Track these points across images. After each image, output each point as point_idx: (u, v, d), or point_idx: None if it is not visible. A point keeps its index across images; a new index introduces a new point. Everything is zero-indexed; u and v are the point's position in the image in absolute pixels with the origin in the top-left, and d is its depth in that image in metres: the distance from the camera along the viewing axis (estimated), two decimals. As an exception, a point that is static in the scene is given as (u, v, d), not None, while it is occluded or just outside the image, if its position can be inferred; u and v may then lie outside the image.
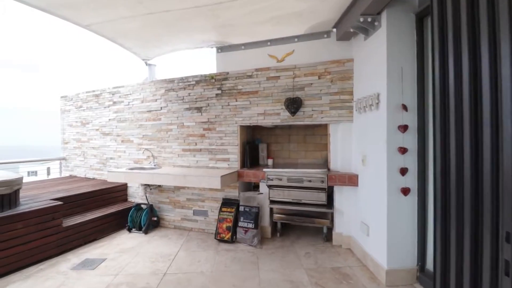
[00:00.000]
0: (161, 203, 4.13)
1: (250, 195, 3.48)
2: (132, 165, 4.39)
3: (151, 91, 4.17)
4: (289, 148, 4.03)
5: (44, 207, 3.05)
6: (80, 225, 3.43)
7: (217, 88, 3.72)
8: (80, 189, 4.05)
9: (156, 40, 3.36)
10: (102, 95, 4.80)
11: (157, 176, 3.38)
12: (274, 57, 3.65)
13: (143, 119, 4.27)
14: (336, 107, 3.27)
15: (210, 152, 3.77)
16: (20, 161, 5.75)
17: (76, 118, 5.29)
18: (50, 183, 4.56)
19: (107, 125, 4.76)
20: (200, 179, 3.13)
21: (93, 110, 4.97)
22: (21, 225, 2.84)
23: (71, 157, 5.46)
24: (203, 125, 3.79)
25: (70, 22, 2.61)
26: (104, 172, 4.84)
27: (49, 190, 4.02)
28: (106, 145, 4.78)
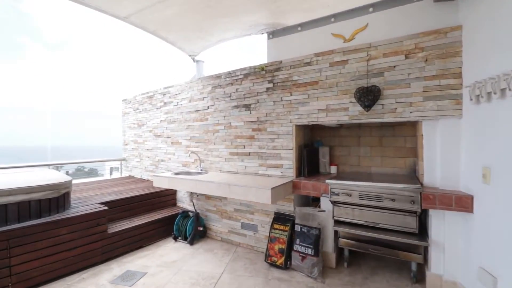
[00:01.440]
0: (208, 212, 3.75)
1: (309, 212, 2.77)
2: (180, 169, 4.15)
3: (198, 89, 3.83)
4: (359, 153, 3.16)
5: (89, 213, 2.94)
6: (126, 231, 3.26)
7: (268, 81, 3.12)
8: (131, 192, 3.97)
9: (198, 29, 2.96)
10: (155, 96, 4.72)
11: (200, 183, 2.96)
12: (340, 36, 2.86)
13: (191, 119, 3.97)
14: (433, 96, 2.31)
15: (260, 156, 3.19)
16: (86, 161, 6.22)
17: (134, 120, 5.40)
18: (109, 184, 4.67)
19: (158, 127, 4.65)
20: (246, 191, 2.57)
21: (147, 112, 4.96)
22: (66, 230, 2.74)
23: (130, 158, 5.62)
24: (252, 125, 3.25)
25: (108, 14, 2.39)
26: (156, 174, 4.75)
27: (104, 191, 4.04)
28: (158, 146, 4.68)
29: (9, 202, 2.49)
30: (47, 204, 2.77)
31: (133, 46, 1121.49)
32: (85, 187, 4.42)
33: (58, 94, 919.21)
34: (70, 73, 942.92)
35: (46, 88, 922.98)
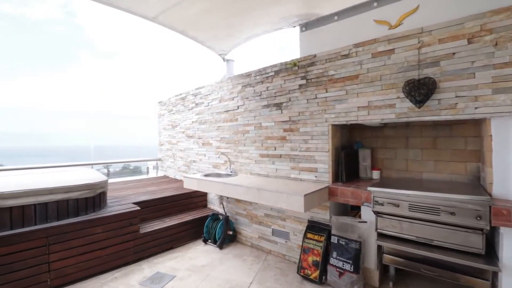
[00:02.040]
0: (238, 215, 3.62)
1: (347, 222, 2.47)
2: (210, 170, 4.09)
3: (228, 89, 3.73)
4: (407, 156, 2.76)
5: (122, 212, 2.99)
6: (158, 232, 3.28)
7: (300, 78, 2.88)
8: (164, 192, 4.02)
9: (227, 26, 2.84)
10: (187, 97, 4.75)
11: (228, 187, 2.83)
12: (384, 23, 2.51)
13: (221, 120, 3.88)
14: (505, 88, 1.88)
15: (292, 159, 2.96)
16: (125, 161, 6.54)
17: (168, 122, 5.52)
18: (145, 183, 4.82)
19: (190, 128, 4.67)
20: (276, 196, 2.37)
21: (180, 113, 5.02)
22: (101, 229, 2.81)
23: (165, 158, 5.77)
24: (284, 125, 3.03)
25: (137, 15, 2.39)
26: (188, 175, 4.78)
27: (139, 191, 4.15)
28: (190, 147, 4.70)
29: (50, 201, 2.62)
30: (84, 203, 2.87)
31: (170, 49, 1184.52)
32: (123, 185, 4.61)
33: (103, 99, 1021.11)
34: (115, 79, 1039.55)
35: (94, 94, 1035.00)
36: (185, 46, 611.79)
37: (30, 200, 2.51)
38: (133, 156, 7.71)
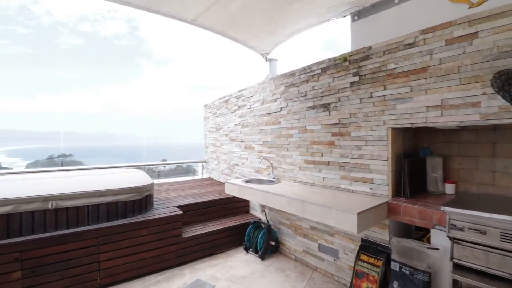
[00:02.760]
0: (281, 225, 3.39)
1: (413, 247, 2.04)
2: (252, 175, 3.94)
3: (270, 90, 3.52)
4: (494, 167, 2.17)
5: (165, 216, 3.02)
6: (200, 237, 3.25)
7: (352, 74, 2.52)
8: (207, 196, 4.01)
9: (268, 23, 2.64)
10: (230, 100, 4.70)
11: (269, 196, 2.62)
12: (463, 1, 2.01)
13: (263, 123, 3.70)
14: None
15: (342, 167, 2.61)
16: (173, 162, 6.83)
17: (213, 124, 5.57)
18: (190, 185, 4.92)
19: (233, 130, 4.61)
20: (323, 212, 2.07)
21: (223, 116, 5.00)
22: (146, 232, 2.87)
23: (210, 160, 5.85)
24: (332, 128, 2.70)
25: (176, 19, 2.35)
26: (231, 178, 4.73)
27: (184, 193, 4.22)
28: (233, 151, 4.63)
29: (101, 203, 2.76)
30: (131, 206, 2.97)
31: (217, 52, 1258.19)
32: (170, 187, 4.77)
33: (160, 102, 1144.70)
34: (170, 84, 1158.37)
35: (152, 98, 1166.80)
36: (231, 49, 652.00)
37: (84, 202, 2.67)
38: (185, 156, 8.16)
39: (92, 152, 26.01)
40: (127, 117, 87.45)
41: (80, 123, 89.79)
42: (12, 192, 2.49)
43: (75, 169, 4.80)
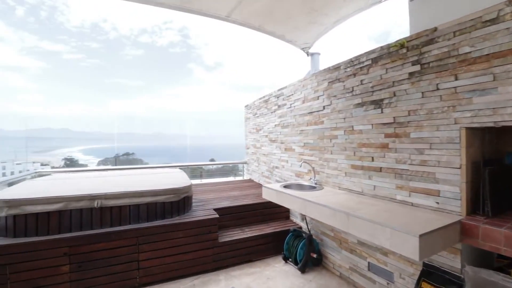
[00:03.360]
0: (324, 235, 3.07)
1: (495, 281, 1.56)
2: (293, 179, 3.68)
3: (312, 87, 3.22)
4: None
5: (201, 219, 2.96)
6: (236, 242, 3.12)
7: (411, 63, 2.09)
8: (245, 199, 3.88)
9: (307, 11, 2.37)
10: (270, 99, 4.51)
11: (309, 205, 2.34)
12: None
13: (304, 123, 3.41)
14: None
15: (398, 175, 2.20)
16: (214, 163, 6.90)
17: (253, 125, 5.46)
18: (230, 186, 4.87)
19: (273, 131, 4.40)
20: (374, 230, 1.72)
21: (263, 116, 4.84)
22: (182, 234, 2.85)
23: (250, 162, 5.74)
24: (385, 128, 2.29)
25: (208, 16, 2.25)
26: (271, 181, 4.53)
27: (223, 195, 4.17)
28: (273, 152, 4.43)
29: (141, 203, 2.82)
30: (170, 207, 2.99)
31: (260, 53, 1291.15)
32: (210, 188, 4.79)
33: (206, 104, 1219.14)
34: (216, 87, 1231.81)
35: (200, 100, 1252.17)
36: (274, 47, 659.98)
37: (125, 201, 2.76)
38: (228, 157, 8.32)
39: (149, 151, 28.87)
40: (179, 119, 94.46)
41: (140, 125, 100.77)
42: (64, 190, 2.69)
43: (126, 168, 5.15)
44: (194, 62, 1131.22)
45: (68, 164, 22.79)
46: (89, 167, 4.51)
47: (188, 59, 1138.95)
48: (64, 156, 21.45)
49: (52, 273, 2.35)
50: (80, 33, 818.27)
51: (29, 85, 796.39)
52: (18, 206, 2.40)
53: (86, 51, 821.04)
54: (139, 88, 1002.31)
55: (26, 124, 6.53)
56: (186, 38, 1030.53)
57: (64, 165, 17.86)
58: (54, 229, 2.49)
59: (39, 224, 2.45)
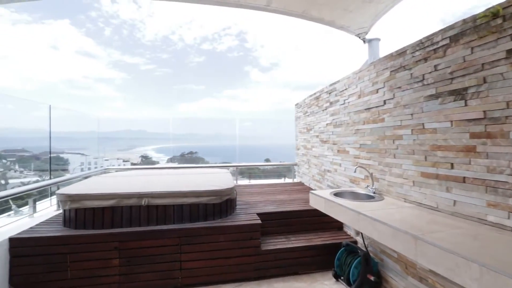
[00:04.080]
0: (384, 255, 2.58)
1: None
2: (347, 185, 3.25)
3: (370, 79, 2.75)
4: None
5: (243, 224, 2.81)
6: (280, 252, 2.88)
7: (510, 37, 1.52)
8: (292, 204, 3.61)
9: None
10: (321, 96, 4.12)
11: (364, 220, 1.95)
12: None
13: (360, 121, 2.96)
14: None
15: (491, 188, 1.63)
16: (262, 164, 6.73)
17: (303, 125, 5.12)
18: (278, 189, 4.64)
19: (324, 131, 4.00)
20: (455, 264, 1.27)
21: (314, 115, 4.46)
22: (223, 238, 2.75)
23: (301, 164, 5.41)
24: (471, 126, 1.74)
25: (247, 7, 2.06)
26: (322, 186, 4.14)
27: (269, 198, 3.97)
28: (324, 154, 4.03)
29: (184, 203, 2.82)
30: (212, 209, 2.92)
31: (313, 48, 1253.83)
32: (258, 190, 4.64)
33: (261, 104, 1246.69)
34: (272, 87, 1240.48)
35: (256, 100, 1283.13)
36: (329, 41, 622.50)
37: (169, 201, 2.79)
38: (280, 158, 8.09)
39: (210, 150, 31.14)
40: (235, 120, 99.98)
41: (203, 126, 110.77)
42: (119, 187, 2.86)
43: (180, 167, 5.40)
44: (250, 65, 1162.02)
45: (143, 160, 25.52)
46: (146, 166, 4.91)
47: (244, 62, 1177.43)
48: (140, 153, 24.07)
49: (104, 265, 2.51)
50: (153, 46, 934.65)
51: (114, 94, 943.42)
52: (79, 201, 2.64)
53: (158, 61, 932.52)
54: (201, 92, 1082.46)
55: (112, 126, 7.78)
56: (243, 42, 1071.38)
57: (141, 162, 20.02)
58: (107, 223, 2.66)
59: (95, 218, 2.65)
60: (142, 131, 11.67)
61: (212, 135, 14.17)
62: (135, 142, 16.34)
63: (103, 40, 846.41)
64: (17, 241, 2.37)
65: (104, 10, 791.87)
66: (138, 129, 12.08)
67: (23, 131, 5.64)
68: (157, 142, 12.01)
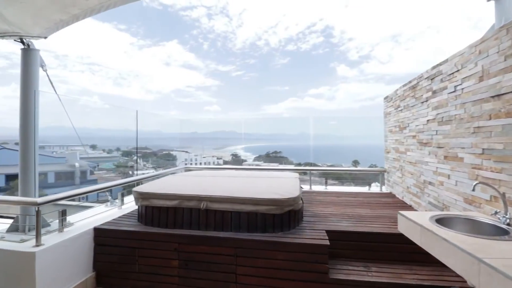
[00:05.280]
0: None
1: None
2: (459, 206, 2.31)
3: (501, 50, 1.80)
4: None
5: (304, 243, 2.35)
6: (355, 285, 2.28)
7: None
8: (376, 222, 2.89)
9: None
10: (419, 84, 3.16)
11: (493, 277, 1.19)
12: None
13: (483, 114, 2.01)
14: None
15: None
16: (340, 169, 5.86)
17: (394, 122, 4.14)
18: (360, 200, 3.89)
19: (424, 130, 3.05)
20: None
21: (409, 109, 3.50)
22: (282, 256, 2.36)
23: (391, 170, 4.41)
24: None
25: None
26: (421, 202, 3.18)
27: (346, 211, 3.33)
28: (424, 160, 3.07)
29: (241, 211, 2.59)
30: (271, 220, 2.58)
31: None
32: (334, 198, 4.03)
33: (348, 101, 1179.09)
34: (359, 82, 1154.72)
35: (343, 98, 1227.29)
36: None
37: (227, 207, 2.61)
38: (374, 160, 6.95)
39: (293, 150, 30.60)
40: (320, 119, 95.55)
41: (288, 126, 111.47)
42: (184, 188, 2.88)
43: (254, 169, 5.29)
44: (336, 60, 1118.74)
45: (233, 158, 27.75)
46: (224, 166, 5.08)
47: (330, 58, 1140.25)
48: (231, 152, 26.28)
49: (166, 264, 2.54)
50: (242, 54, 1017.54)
51: (211, 99, 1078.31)
52: (148, 199, 2.78)
53: (246, 67, 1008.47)
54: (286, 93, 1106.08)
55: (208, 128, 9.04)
56: (328, 38, 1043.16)
57: (231, 160, 21.77)
58: (170, 223, 2.70)
59: (161, 217, 2.74)
60: (233, 132, 12.62)
61: (296, 135, 14.03)
62: (228, 141, 17.77)
63: (202, 54, 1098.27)
64: (99, 231, 2.67)
65: (203, 27, 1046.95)
66: (230, 130, 13.08)
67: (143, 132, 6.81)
68: (246, 141, 12.74)
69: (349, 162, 25.51)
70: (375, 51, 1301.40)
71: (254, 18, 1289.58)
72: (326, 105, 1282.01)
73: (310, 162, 7.19)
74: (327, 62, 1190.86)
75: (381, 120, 4.86)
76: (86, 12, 2.11)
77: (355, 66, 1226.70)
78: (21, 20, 2.19)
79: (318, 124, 7.89)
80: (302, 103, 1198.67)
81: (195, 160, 21.81)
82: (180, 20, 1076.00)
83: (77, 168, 19.39)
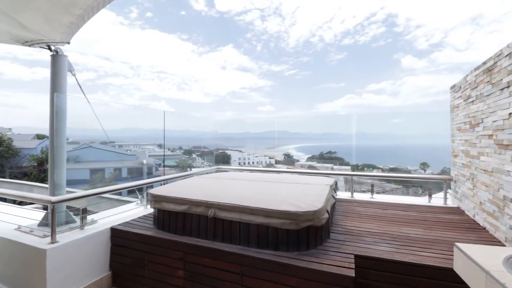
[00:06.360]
0: None
1: None
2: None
3: None
4: None
5: (323, 270, 1.88)
6: (390, 330, 1.72)
7: None
8: (428, 250, 2.22)
9: None
10: (497, 65, 2.32)
11: None
12: None
13: None
14: None
15: None
16: (385, 175, 4.90)
17: (464, 117, 3.23)
18: (412, 215, 3.14)
19: (504, 127, 2.21)
20: None
21: (483, 100, 2.63)
22: (294, 283, 1.95)
23: (459, 179, 3.47)
24: None
25: None
26: (499, 226, 2.35)
27: (390, 229, 2.69)
28: (504, 169, 2.24)
29: (251, 222, 2.25)
30: (285, 235, 2.18)
31: None
32: (378, 210, 3.35)
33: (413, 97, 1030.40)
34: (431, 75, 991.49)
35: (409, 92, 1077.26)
36: None
37: (235, 217, 2.31)
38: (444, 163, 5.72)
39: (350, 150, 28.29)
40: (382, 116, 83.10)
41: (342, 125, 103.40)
42: (194, 193, 2.68)
43: (285, 171, 4.86)
44: (401, 51, 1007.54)
45: (285, 158, 27.54)
46: (254, 168, 4.87)
47: (394, 49, 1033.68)
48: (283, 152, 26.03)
49: (172, 273, 2.38)
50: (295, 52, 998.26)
51: (264, 99, 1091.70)
52: (159, 202, 2.67)
53: (299, 66, 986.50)
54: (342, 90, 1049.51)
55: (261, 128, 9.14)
56: (391, 27, 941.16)
57: (283, 159, 21.57)
58: (179, 229, 2.54)
59: (171, 221, 2.60)
60: (284, 132, 12.48)
61: (352, 134, 13.15)
62: (280, 141, 17.60)
63: (256, 56, 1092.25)
64: (115, 231, 2.67)
65: (257, 29, 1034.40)
66: (282, 130, 13.10)
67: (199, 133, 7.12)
68: (299, 141, 12.37)
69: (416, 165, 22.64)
70: (450, 38, 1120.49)
71: (308, 15, 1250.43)
72: (388, 101, 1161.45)
73: (368, 164, 6.38)
74: (389, 54, 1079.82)
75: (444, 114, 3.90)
76: (88, 10, 2.07)
77: (424, 56, 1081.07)
78: (39, 27, 2.28)
79: (379, 122, 6.98)
80: (360, 100, 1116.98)
81: (248, 159, 22.15)
82: (235, 24, 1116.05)
83: (145, 164, 21.87)
